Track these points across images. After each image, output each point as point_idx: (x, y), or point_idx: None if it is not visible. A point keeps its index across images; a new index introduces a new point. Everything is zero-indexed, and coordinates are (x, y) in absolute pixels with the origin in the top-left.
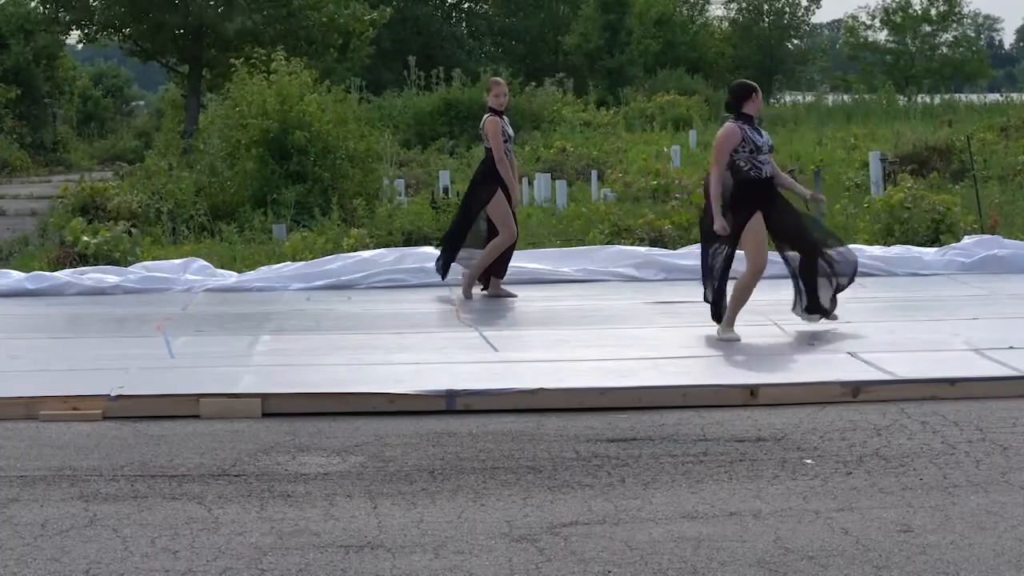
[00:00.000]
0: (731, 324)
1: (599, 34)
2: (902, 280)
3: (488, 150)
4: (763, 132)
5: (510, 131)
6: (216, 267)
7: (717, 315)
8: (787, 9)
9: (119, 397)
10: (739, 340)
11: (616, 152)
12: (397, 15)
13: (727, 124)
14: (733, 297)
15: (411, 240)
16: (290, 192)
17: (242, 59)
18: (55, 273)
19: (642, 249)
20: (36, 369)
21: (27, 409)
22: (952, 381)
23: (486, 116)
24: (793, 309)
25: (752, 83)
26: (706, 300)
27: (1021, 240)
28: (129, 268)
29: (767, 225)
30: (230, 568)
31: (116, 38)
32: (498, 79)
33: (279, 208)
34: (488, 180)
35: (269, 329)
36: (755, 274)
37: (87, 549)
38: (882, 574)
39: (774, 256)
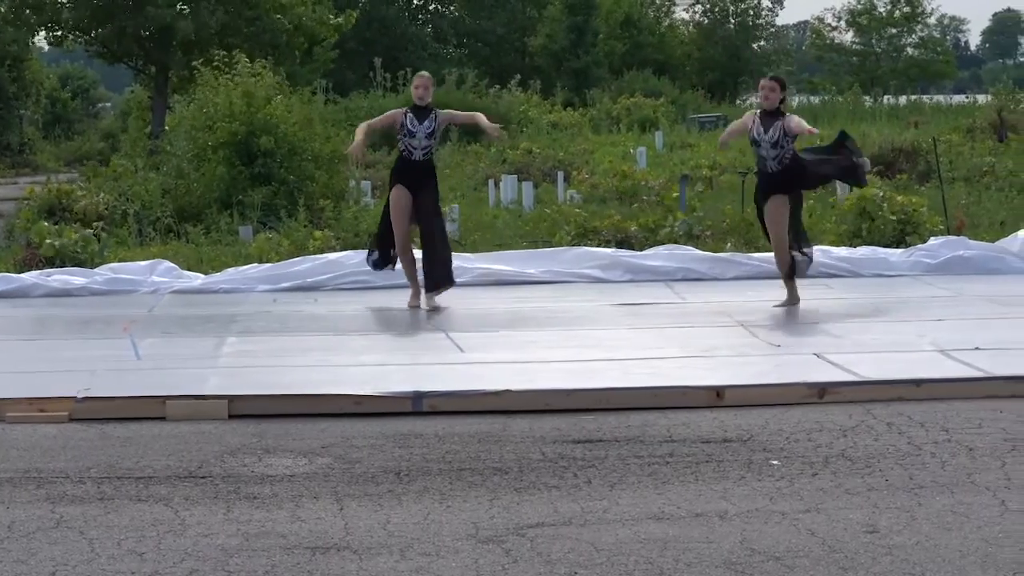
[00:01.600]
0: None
1: (565, 35)
2: (868, 281)
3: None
4: (771, 128)
5: (417, 127)
6: (182, 269)
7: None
8: (751, 11)
9: (86, 399)
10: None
11: (582, 153)
12: (363, 16)
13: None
14: None
15: None
16: (256, 194)
17: (204, 61)
18: (21, 275)
19: (608, 251)
20: (2, 371)
21: None
22: (918, 382)
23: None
24: None
25: (769, 75)
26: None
27: (987, 241)
28: (95, 270)
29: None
30: (196, 570)
31: (82, 40)
32: (422, 72)
33: (245, 210)
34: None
35: (235, 331)
36: (774, 244)
37: (53, 551)
38: (848, 575)
39: (742, 258)
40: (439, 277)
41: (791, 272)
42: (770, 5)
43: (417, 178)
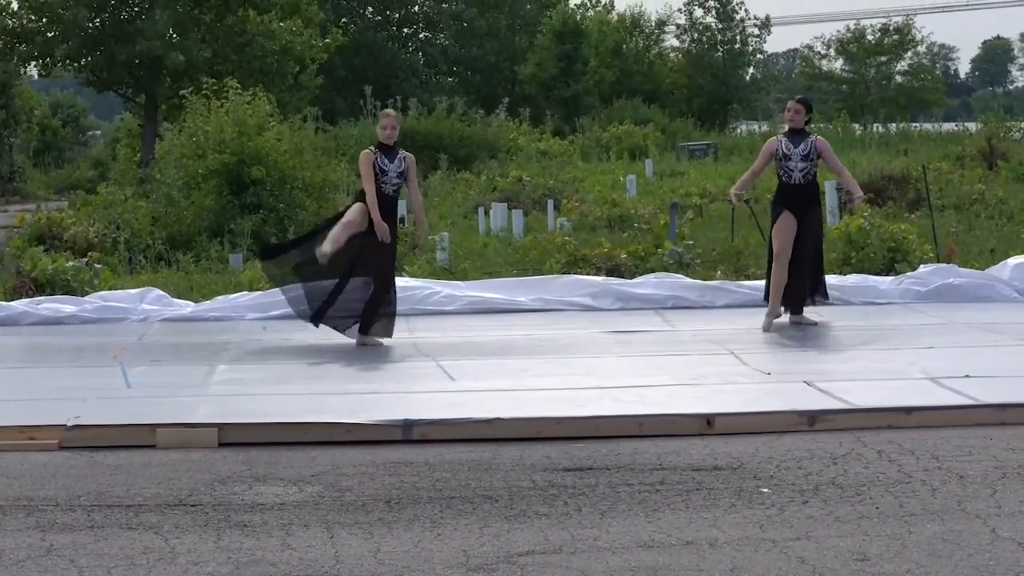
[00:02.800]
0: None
1: (554, 63)
2: (858, 309)
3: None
4: (801, 143)
5: (391, 166)
6: (172, 297)
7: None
8: (738, 38)
9: (76, 427)
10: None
11: (572, 181)
12: (352, 43)
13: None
14: None
15: None
16: (246, 222)
17: (193, 90)
18: (11, 303)
19: (598, 279)
20: None
21: None
22: (908, 410)
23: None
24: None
25: (796, 98)
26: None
27: (977, 269)
28: (86, 298)
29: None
30: None
31: (72, 69)
32: (388, 111)
33: (235, 238)
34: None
35: (226, 359)
36: (775, 258)
37: None
38: None
39: (732, 285)
40: (371, 322)
41: (780, 287)
42: (757, 33)
43: (392, 214)
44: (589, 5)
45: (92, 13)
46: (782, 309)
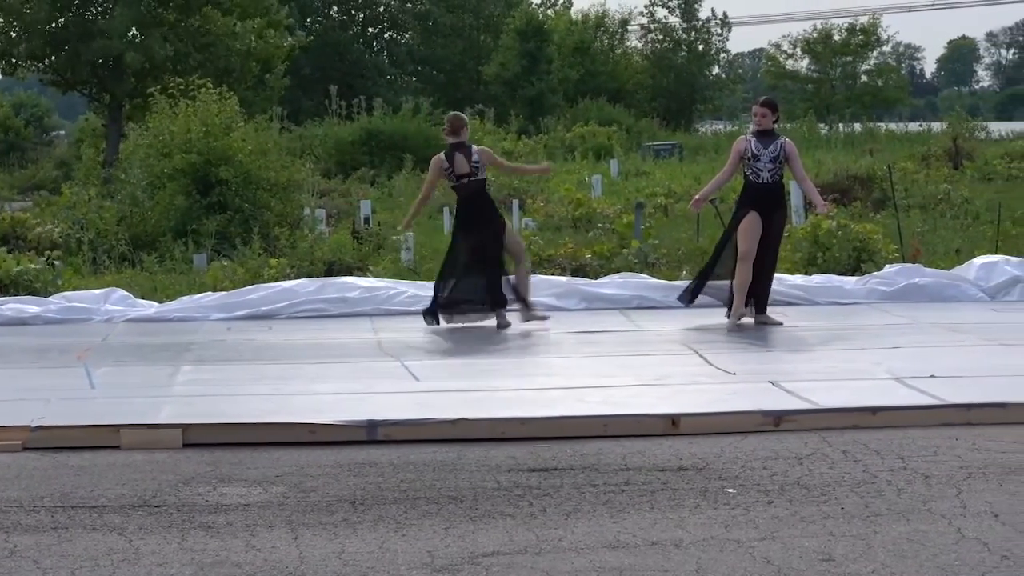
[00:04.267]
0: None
1: (517, 62)
2: (824, 309)
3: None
4: (771, 144)
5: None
6: (137, 297)
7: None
8: (703, 38)
9: (40, 428)
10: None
11: (537, 181)
12: (318, 42)
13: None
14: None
15: (332, 270)
16: (211, 222)
17: (160, 89)
18: None
19: (563, 279)
20: None
21: None
22: (874, 410)
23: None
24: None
25: (760, 100)
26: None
27: (942, 269)
28: (50, 298)
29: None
30: None
31: (36, 69)
32: (453, 113)
33: (200, 238)
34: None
35: (190, 359)
36: (741, 259)
37: None
38: None
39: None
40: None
41: (745, 287)
42: (719, 32)
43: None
44: (549, 3)
45: (55, 12)
46: (749, 310)
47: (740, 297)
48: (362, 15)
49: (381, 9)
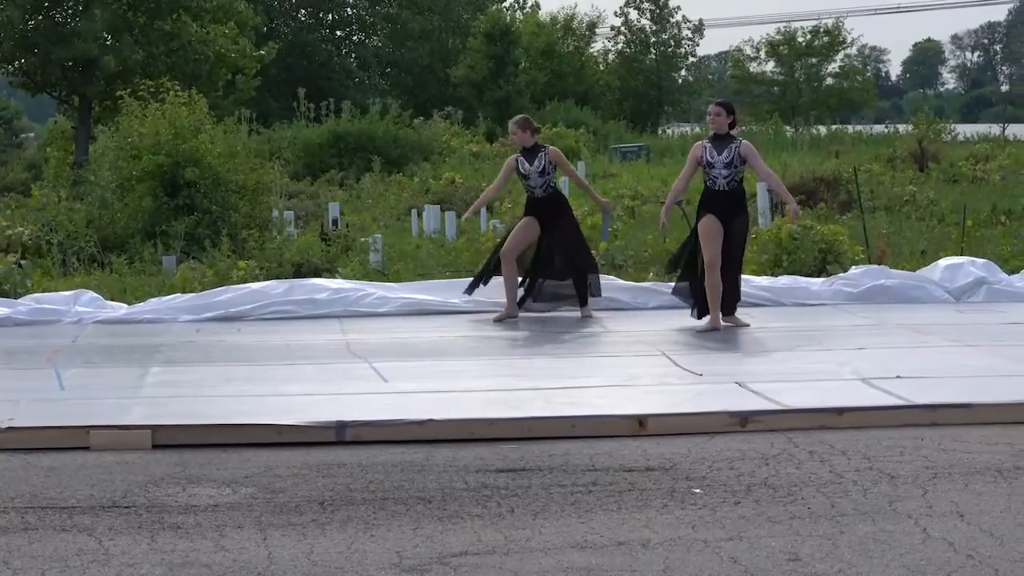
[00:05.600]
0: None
1: (485, 64)
2: (790, 310)
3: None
4: (724, 149)
5: (530, 168)
6: (106, 299)
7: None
8: (672, 41)
9: (9, 429)
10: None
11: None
12: (285, 44)
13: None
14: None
15: (301, 272)
16: (180, 224)
17: (129, 91)
18: None
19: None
20: None
21: None
22: (840, 411)
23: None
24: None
25: (716, 100)
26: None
27: (908, 270)
28: (19, 300)
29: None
30: None
31: (5, 71)
32: (521, 116)
33: (169, 240)
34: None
35: (159, 361)
36: (708, 267)
37: None
38: None
39: (664, 287)
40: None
41: (718, 296)
42: (690, 35)
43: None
44: (518, 6)
45: (26, 15)
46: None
47: (715, 310)
48: (330, 17)
49: (349, 12)
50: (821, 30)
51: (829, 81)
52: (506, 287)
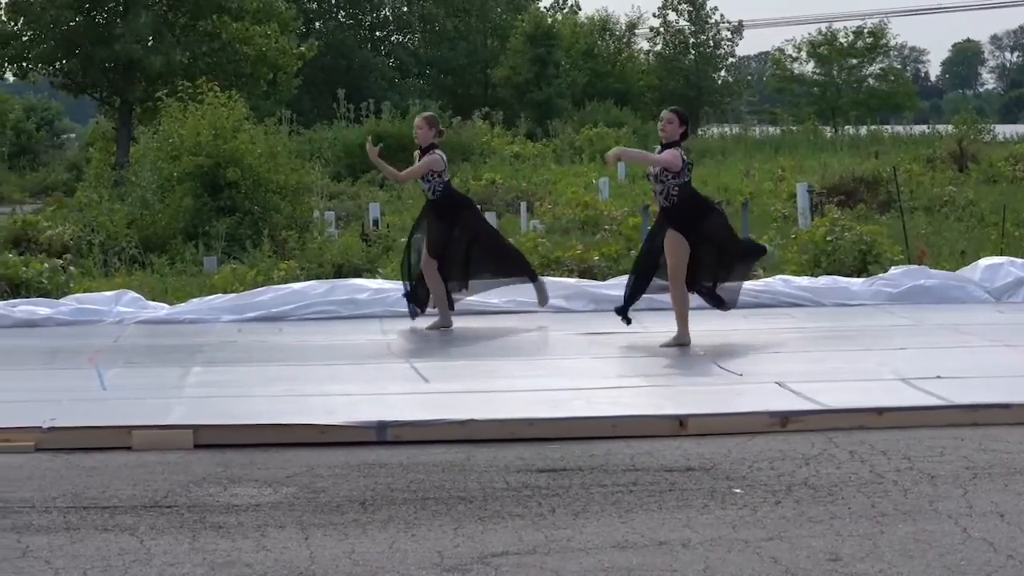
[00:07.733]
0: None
1: (528, 67)
2: (830, 310)
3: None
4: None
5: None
6: (147, 299)
7: None
8: (711, 42)
9: (52, 429)
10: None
11: (545, 184)
12: (324, 45)
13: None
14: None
15: (342, 272)
16: (221, 225)
17: (170, 93)
18: None
19: (571, 280)
20: None
21: None
22: (880, 411)
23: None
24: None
25: (668, 108)
26: None
27: (947, 270)
28: (61, 300)
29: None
30: None
31: (47, 72)
32: (430, 114)
33: (210, 240)
34: None
35: (201, 361)
36: (670, 278)
37: None
38: None
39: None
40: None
41: (685, 309)
42: (730, 36)
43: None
44: (558, 7)
45: (72, 13)
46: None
47: (683, 324)
48: (368, 19)
49: (387, 12)
50: (865, 31)
51: (870, 82)
52: (435, 297)
